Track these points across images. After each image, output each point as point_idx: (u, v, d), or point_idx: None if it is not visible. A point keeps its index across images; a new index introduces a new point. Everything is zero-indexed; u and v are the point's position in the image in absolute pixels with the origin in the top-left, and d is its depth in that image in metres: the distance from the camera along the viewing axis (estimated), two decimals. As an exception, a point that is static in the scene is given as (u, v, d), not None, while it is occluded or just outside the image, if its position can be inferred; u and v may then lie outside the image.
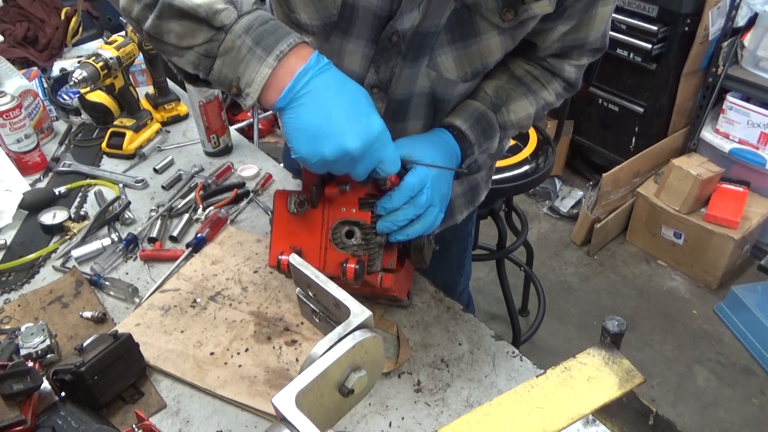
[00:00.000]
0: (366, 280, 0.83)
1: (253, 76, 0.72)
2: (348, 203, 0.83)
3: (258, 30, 0.72)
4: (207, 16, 0.71)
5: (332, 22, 0.85)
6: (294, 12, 0.87)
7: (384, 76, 0.91)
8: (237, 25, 0.71)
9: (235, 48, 0.72)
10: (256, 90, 0.72)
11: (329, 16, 0.85)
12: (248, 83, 0.72)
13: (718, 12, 2.53)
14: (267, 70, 0.71)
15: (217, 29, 0.72)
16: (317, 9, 0.85)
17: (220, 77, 0.74)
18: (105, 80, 1.37)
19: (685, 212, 2.59)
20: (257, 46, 0.71)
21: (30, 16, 1.99)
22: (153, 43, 0.78)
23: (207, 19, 0.71)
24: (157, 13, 0.74)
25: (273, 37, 0.72)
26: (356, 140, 0.71)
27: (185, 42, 0.74)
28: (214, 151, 1.44)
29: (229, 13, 0.71)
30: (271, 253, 0.85)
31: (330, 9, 0.84)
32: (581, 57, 0.99)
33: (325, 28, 0.87)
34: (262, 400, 0.89)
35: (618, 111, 2.91)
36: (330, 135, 0.70)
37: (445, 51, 0.89)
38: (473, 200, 1.21)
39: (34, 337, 0.94)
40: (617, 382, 0.65)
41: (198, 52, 0.74)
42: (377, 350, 0.63)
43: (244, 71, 0.72)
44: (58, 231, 1.21)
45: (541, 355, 2.34)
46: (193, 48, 0.74)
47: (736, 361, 2.35)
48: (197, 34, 0.73)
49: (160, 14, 0.74)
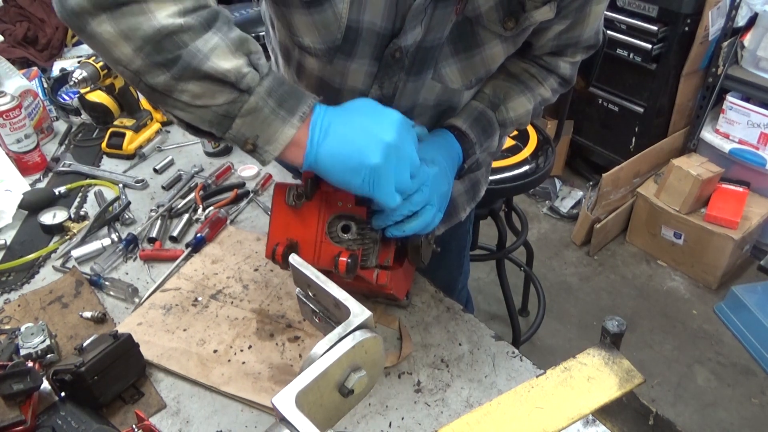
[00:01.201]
0: (361, 275, 0.83)
1: (276, 135, 0.73)
2: (345, 198, 0.83)
3: (279, 92, 0.73)
4: (236, 80, 0.70)
5: (336, 45, 0.86)
6: (297, 36, 0.87)
7: (388, 91, 0.91)
8: (260, 87, 0.72)
9: (258, 109, 0.72)
10: (277, 148, 0.74)
11: (333, 40, 0.85)
12: (268, 141, 0.73)
13: (718, 12, 2.53)
14: (292, 131, 0.73)
15: (241, 91, 0.71)
16: (321, 34, 0.85)
17: (237, 135, 0.74)
18: (105, 80, 1.37)
19: (685, 212, 2.59)
20: (280, 108, 0.73)
21: (30, 16, 1.99)
22: (153, 95, 0.73)
23: (235, 83, 0.70)
24: (176, 74, 0.69)
25: (294, 99, 0.73)
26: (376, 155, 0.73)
27: (200, 101, 0.72)
28: (214, 151, 1.44)
29: (254, 76, 0.71)
30: (267, 244, 0.86)
31: (334, 33, 0.84)
32: (575, 54, 1.01)
33: (328, 51, 0.87)
34: (267, 396, 0.89)
35: (618, 111, 2.91)
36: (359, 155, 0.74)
37: (449, 63, 0.89)
38: (474, 197, 1.22)
39: (34, 337, 0.94)
40: (617, 382, 0.65)
41: (217, 112, 0.72)
42: (377, 350, 0.63)
43: (265, 129, 0.73)
44: (58, 231, 1.21)
45: (541, 355, 2.34)
46: (210, 107, 0.72)
47: (736, 361, 2.35)
48: (218, 95, 0.71)
49: (179, 76, 0.69)
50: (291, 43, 0.91)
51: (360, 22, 0.82)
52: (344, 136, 0.74)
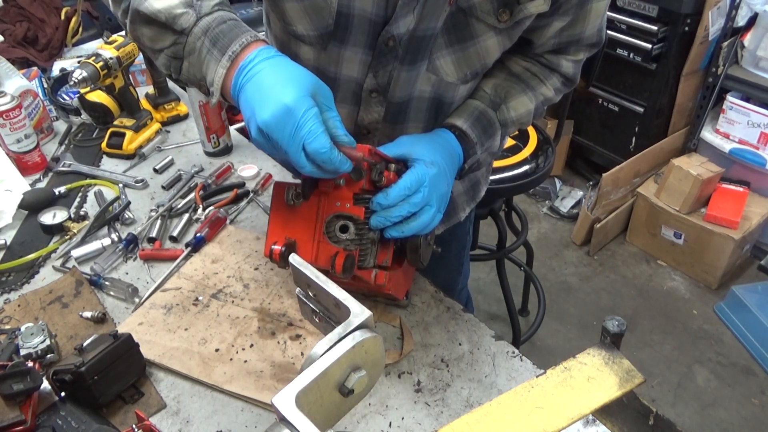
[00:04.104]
0: (359, 275, 0.83)
1: (212, 76, 0.75)
2: (343, 198, 0.83)
3: (215, 31, 0.75)
4: (167, 21, 0.75)
5: (328, 32, 0.86)
6: (291, 24, 0.88)
7: (382, 80, 0.91)
8: (196, 27, 0.75)
9: (196, 50, 0.75)
10: (217, 89, 0.75)
11: (325, 26, 0.86)
12: (210, 83, 0.76)
13: (718, 12, 2.53)
14: (222, 71, 0.74)
15: (178, 33, 0.75)
16: (313, 20, 0.86)
17: (189, 77, 0.78)
18: (105, 80, 1.37)
19: (685, 212, 2.59)
20: (214, 47, 0.75)
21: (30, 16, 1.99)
22: (143, 50, 0.83)
23: (168, 23, 0.75)
24: (129, 18, 0.79)
25: (227, 38, 0.75)
26: (266, 112, 0.69)
27: (157, 45, 0.78)
28: (214, 151, 1.44)
29: (188, 17, 0.74)
30: (266, 242, 0.86)
31: (326, 19, 0.85)
32: (578, 52, 1.00)
33: (321, 38, 0.87)
34: (270, 394, 0.89)
35: (618, 111, 2.91)
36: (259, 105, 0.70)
37: (443, 54, 0.89)
38: (474, 197, 1.22)
39: (34, 337, 0.94)
40: (617, 382, 0.65)
41: (167, 55, 0.78)
42: (377, 350, 0.63)
43: (207, 71, 0.76)
44: (58, 231, 1.21)
45: (541, 355, 2.34)
46: (163, 51, 0.78)
47: (736, 361, 2.35)
48: (164, 37, 0.77)
49: (132, 20, 0.79)
50: (285, 34, 0.91)
51: (351, 8, 0.83)
52: (258, 87, 0.72)
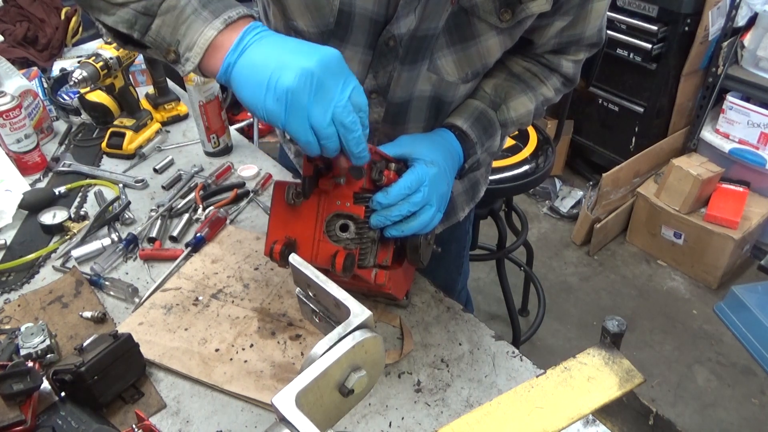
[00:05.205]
0: (359, 274, 0.83)
1: (196, 38, 0.68)
2: (343, 197, 0.83)
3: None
4: None
5: (329, 29, 0.86)
6: (292, 19, 0.87)
7: (382, 81, 0.91)
8: None
9: (178, 7, 0.68)
10: (197, 53, 0.69)
11: (326, 23, 0.85)
12: (189, 47, 0.69)
13: (718, 12, 2.53)
14: (212, 32, 0.68)
15: None
16: (314, 17, 0.85)
17: (157, 39, 0.70)
18: (105, 80, 1.37)
19: (685, 212, 2.59)
20: (204, 8, 0.68)
21: (30, 16, 1.99)
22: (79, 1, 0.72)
23: None
24: None
25: (222, 4, 0.69)
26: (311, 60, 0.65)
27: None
28: (214, 151, 1.44)
29: None
30: (266, 241, 0.86)
31: (327, 17, 0.84)
32: (578, 52, 0.99)
33: (322, 35, 0.87)
34: (270, 394, 0.89)
35: (618, 111, 2.91)
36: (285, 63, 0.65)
37: (444, 54, 0.89)
38: (474, 197, 1.22)
39: (34, 337, 0.94)
40: (617, 382, 0.65)
41: (135, 9, 0.69)
42: (377, 350, 0.63)
43: (186, 33, 0.69)
44: (58, 231, 1.21)
45: (541, 355, 2.34)
46: (129, 5, 0.69)
47: (736, 361, 2.35)
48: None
49: None
50: (286, 29, 0.90)
51: (352, 5, 0.82)
52: (269, 53, 0.67)
